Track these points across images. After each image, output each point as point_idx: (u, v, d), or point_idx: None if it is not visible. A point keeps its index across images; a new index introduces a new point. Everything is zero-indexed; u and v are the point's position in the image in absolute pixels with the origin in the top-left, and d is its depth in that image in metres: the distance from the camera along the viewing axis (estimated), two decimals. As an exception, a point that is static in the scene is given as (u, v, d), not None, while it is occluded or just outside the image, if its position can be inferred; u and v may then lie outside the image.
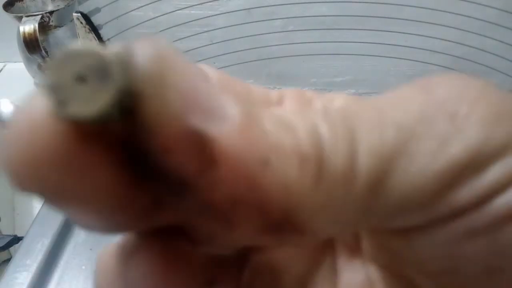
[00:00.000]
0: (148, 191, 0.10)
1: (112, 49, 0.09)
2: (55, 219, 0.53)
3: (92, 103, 0.08)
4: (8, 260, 0.55)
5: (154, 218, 0.10)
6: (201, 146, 0.09)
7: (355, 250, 0.13)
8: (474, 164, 0.10)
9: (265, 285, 0.13)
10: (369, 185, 0.10)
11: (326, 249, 0.14)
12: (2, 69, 0.92)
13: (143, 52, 0.09)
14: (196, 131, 0.09)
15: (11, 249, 0.59)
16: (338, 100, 0.13)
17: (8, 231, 0.63)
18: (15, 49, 0.80)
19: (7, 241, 0.57)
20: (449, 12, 0.58)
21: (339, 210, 0.10)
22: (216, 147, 0.09)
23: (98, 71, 0.08)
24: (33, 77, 0.84)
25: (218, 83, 0.12)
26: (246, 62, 0.64)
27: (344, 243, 0.14)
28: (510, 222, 0.10)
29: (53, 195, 0.09)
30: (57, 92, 0.08)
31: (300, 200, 0.09)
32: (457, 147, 0.10)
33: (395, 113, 0.10)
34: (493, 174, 0.10)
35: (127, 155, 0.09)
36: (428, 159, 0.10)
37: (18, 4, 0.81)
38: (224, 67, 0.64)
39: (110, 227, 0.10)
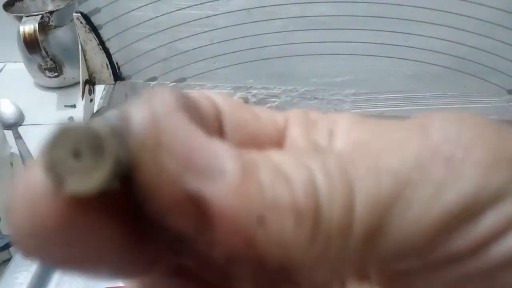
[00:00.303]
0: (150, 246, 0.10)
1: (106, 119, 0.09)
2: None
3: (90, 177, 0.08)
4: (8, 260, 0.55)
5: (156, 267, 0.11)
6: (197, 208, 0.09)
7: (364, 275, 0.13)
8: (470, 211, 0.10)
9: None
10: (366, 235, 0.10)
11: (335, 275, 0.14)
12: (2, 69, 0.92)
13: (136, 119, 0.09)
14: (192, 193, 0.09)
15: (11, 249, 0.59)
16: (342, 123, 0.13)
17: (8, 231, 0.63)
18: (15, 49, 0.80)
19: (7, 241, 0.57)
20: (449, 12, 0.58)
21: (336, 261, 0.10)
22: (212, 208, 0.09)
23: (93, 145, 0.09)
24: (33, 77, 0.84)
25: (228, 112, 0.12)
26: (246, 62, 0.64)
27: (354, 269, 0.14)
28: (506, 269, 0.10)
29: (60, 263, 0.09)
30: (54, 169, 0.09)
31: (296, 255, 0.09)
32: (452, 194, 0.10)
33: (391, 159, 0.10)
34: (488, 221, 0.10)
35: (127, 217, 0.09)
36: (424, 206, 0.10)
37: (18, 4, 0.81)
38: (224, 67, 0.64)
39: (117, 277, 0.11)
